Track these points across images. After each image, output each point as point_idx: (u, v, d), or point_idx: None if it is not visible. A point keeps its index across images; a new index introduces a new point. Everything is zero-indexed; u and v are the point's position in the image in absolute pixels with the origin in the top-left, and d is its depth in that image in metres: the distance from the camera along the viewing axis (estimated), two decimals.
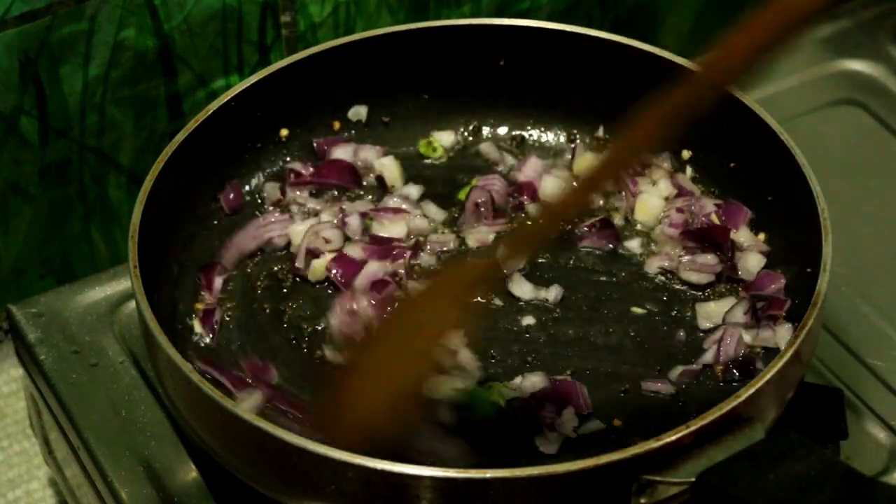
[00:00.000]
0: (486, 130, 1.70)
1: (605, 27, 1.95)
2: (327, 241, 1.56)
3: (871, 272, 1.67)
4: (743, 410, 1.30)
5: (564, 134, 1.70)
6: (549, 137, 1.70)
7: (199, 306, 1.52)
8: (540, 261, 1.57)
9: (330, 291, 1.55)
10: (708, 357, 1.47)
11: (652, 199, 1.60)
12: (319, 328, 1.51)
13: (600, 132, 1.67)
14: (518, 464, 1.27)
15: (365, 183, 1.64)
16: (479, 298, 1.32)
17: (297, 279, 1.56)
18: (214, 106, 1.56)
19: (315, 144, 1.65)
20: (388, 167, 1.63)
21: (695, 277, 1.54)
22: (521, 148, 1.69)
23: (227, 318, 1.53)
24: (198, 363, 1.45)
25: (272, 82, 1.60)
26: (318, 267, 1.55)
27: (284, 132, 1.65)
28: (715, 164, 1.62)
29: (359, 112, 1.67)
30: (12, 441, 1.79)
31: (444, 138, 1.67)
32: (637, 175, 1.60)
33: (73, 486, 1.60)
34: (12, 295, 1.75)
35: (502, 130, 1.70)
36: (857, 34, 1.94)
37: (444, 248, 1.58)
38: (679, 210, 1.58)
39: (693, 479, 1.25)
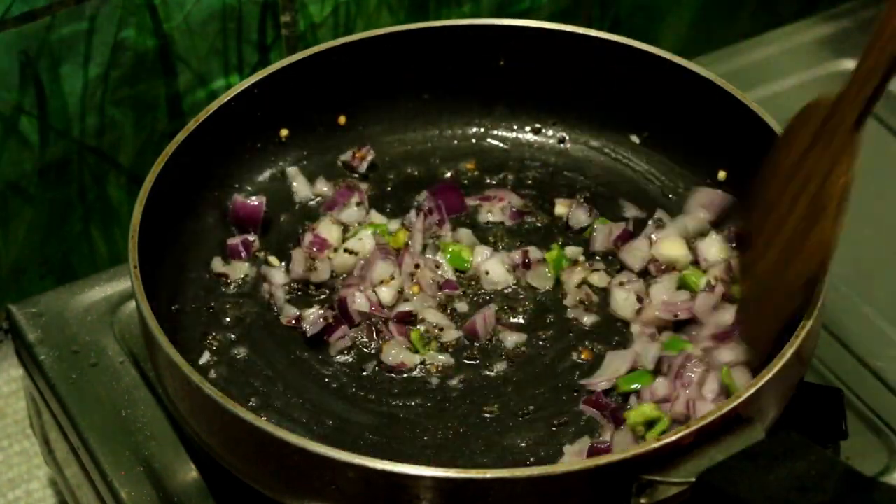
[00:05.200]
0: (485, 130, 1.70)
1: (605, 27, 1.96)
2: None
3: (871, 272, 1.67)
4: (743, 410, 1.30)
5: (563, 134, 1.70)
6: (548, 137, 1.70)
7: None
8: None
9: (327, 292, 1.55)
10: None
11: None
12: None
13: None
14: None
15: None
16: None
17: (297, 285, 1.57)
18: (214, 106, 1.57)
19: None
20: None
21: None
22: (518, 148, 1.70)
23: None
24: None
25: (272, 82, 1.60)
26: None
27: (284, 132, 1.65)
28: (714, 165, 1.63)
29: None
30: (12, 441, 1.79)
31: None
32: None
33: (73, 486, 1.60)
34: (12, 295, 1.75)
35: (500, 131, 1.70)
36: (857, 34, 1.94)
37: None
38: None
39: (693, 479, 1.25)
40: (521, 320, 1.53)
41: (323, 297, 1.54)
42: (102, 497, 1.48)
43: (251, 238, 1.58)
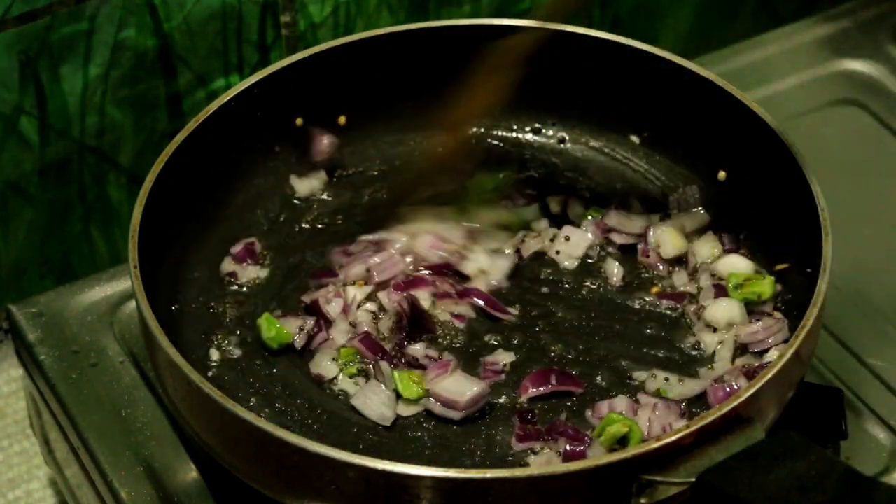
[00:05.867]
0: (485, 130, 1.70)
1: (605, 27, 1.95)
2: None
3: (871, 272, 1.67)
4: (743, 410, 1.30)
5: (563, 134, 1.70)
6: (548, 137, 1.70)
7: None
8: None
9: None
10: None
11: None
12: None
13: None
14: None
15: None
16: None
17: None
18: (214, 106, 1.57)
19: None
20: None
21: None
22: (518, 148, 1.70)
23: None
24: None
25: (272, 82, 1.60)
26: None
27: (285, 132, 1.65)
28: (714, 165, 1.63)
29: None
30: (12, 441, 1.79)
31: None
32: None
33: (73, 486, 1.60)
34: (12, 295, 1.75)
35: (500, 131, 1.70)
36: (857, 34, 1.94)
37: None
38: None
39: (693, 479, 1.26)
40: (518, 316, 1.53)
41: None
42: (102, 497, 1.48)
43: (252, 240, 1.58)
